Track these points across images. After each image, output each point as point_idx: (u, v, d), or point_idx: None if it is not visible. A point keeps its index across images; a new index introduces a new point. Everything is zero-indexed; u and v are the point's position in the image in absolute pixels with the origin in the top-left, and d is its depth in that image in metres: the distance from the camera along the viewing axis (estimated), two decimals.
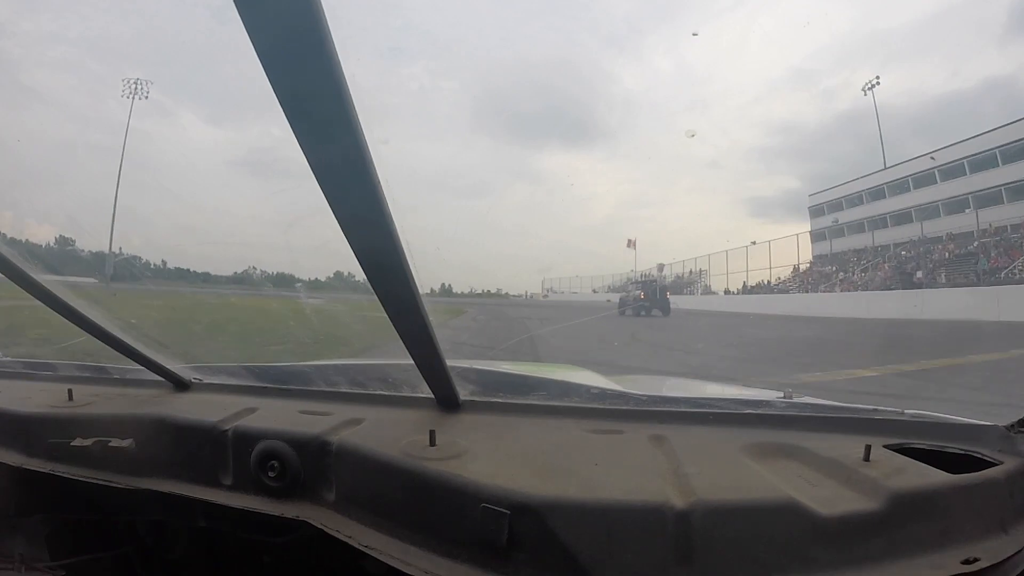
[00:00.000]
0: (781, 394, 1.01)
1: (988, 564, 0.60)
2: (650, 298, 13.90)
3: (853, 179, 26.94)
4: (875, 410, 0.87)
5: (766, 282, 27.32)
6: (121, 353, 1.01)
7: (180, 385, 1.11)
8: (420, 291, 0.67)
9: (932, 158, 22.85)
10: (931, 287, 19.48)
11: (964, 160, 21.97)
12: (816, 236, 29.05)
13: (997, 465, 0.71)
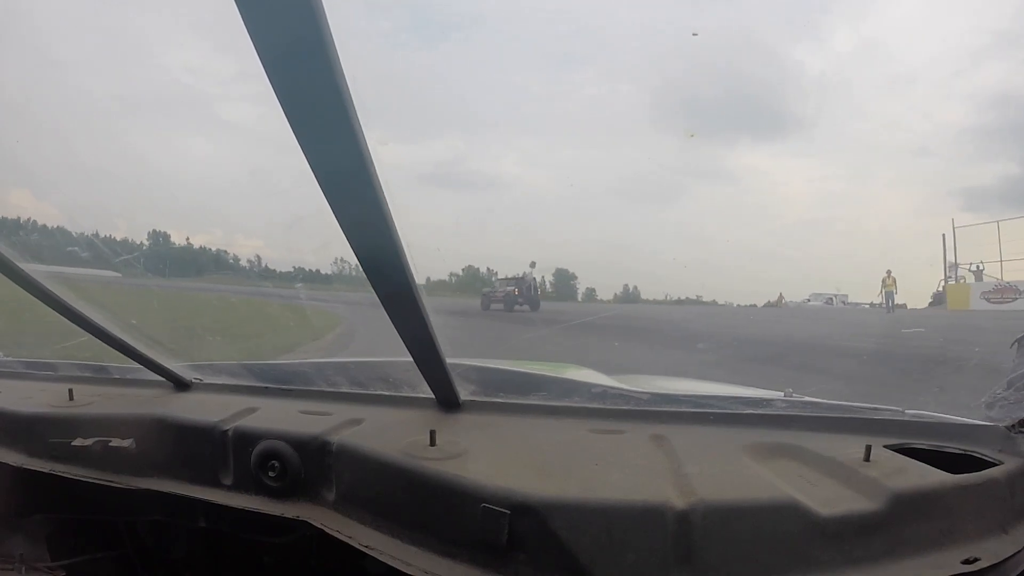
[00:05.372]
0: (781, 394, 1.01)
1: (988, 564, 0.60)
2: (523, 294, 14.19)
3: None
4: (875, 410, 0.87)
5: None
6: (121, 353, 1.01)
7: (180, 385, 1.11)
8: (420, 291, 0.67)
9: None
10: None
11: None
12: None
13: (997, 465, 0.71)
